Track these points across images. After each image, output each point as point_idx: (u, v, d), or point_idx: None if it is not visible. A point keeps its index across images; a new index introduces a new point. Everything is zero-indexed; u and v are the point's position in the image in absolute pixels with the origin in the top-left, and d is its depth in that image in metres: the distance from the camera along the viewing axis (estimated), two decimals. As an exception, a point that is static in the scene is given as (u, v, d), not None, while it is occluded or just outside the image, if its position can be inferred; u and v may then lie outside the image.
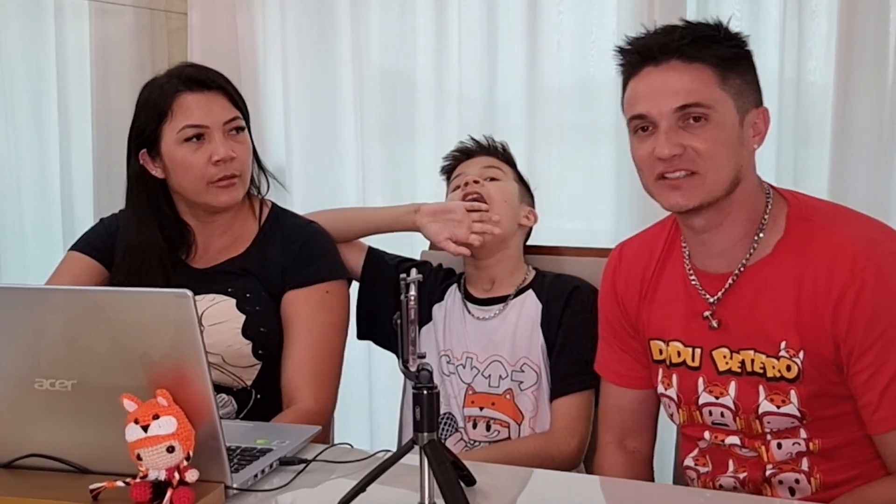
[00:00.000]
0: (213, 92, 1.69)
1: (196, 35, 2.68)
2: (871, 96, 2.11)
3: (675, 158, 1.32)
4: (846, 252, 1.31)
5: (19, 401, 1.22)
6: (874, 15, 2.09)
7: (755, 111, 1.38)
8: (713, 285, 1.42)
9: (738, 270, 1.39)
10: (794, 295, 1.33)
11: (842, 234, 1.34)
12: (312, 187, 2.65)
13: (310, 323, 1.71)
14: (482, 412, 1.72)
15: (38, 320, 1.20)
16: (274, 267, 1.74)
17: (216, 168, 1.66)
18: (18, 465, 1.24)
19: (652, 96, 1.34)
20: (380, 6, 2.53)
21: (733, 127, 1.35)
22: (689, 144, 1.32)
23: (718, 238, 1.40)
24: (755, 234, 1.39)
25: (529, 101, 2.40)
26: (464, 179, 1.77)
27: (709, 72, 1.33)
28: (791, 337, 1.34)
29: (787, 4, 2.18)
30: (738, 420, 1.40)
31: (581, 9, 2.36)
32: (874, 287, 1.28)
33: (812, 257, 1.33)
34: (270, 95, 2.67)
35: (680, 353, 1.45)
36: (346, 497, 1.17)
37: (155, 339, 1.16)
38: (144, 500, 1.12)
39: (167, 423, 1.12)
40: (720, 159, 1.33)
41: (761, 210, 1.40)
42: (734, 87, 1.35)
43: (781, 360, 1.35)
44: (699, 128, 1.32)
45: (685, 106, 1.32)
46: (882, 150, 2.11)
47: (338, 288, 1.76)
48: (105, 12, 2.66)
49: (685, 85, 1.33)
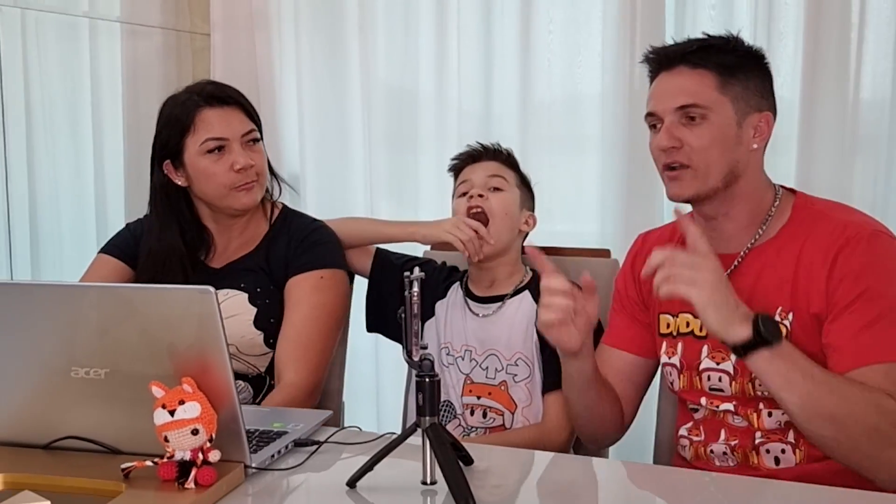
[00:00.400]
0: (230, 107, 1.69)
1: (218, 54, 2.68)
2: (833, 108, 2.12)
3: (672, 151, 1.38)
4: (844, 226, 1.35)
5: (57, 388, 1.22)
6: (836, 35, 2.09)
7: (757, 115, 1.42)
8: (722, 264, 1.40)
9: (745, 252, 1.42)
10: (794, 267, 1.36)
11: (841, 217, 1.38)
12: (324, 193, 2.65)
13: (300, 304, 1.69)
14: (479, 401, 1.72)
15: (73, 315, 1.20)
16: (279, 260, 1.74)
17: (237, 175, 1.67)
18: (56, 446, 1.24)
19: (660, 97, 1.42)
20: (385, 27, 2.53)
21: (730, 127, 1.39)
22: (685, 140, 1.37)
23: (726, 225, 1.44)
24: (761, 223, 1.43)
25: (522, 114, 2.40)
26: (469, 187, 1.75)
27: (710, 76, 1.39)
28: (784, 302, 1.36)
29: (758, 26, 2.18)
30: (734, 385, 1.40)
31: (569, 31, 2.36)
32: (865, 248, 1.32)
33: (812, 234, 1.37)
34: (286, 109, 2.67)
35: (689, 324, 1.46)
36: (356, 475, 1.17)
37: (180, 331, 1.16)
38: (171, 478, 1.12)
39: (192, 408, 1.12)
40: (712, 155, 1.37)
41: (768, 203, 1.43)
42: (734, 92, 1.39)
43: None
44: (696, 126, 1.38)
45: (684, 106, 1.38)
46: (844, 155, 2.12)
47: (332, 275, 1.73)
48: (135, 33, 2.66)
49: (687, 87, 1.39)
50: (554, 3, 2.36)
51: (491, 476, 1.22)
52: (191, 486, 1.11)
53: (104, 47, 2.75)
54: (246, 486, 1.18)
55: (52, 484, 1.14)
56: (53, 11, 2.72)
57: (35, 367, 1.22)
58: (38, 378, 1.23)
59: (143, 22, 2.65)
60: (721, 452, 1.44)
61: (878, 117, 2.10)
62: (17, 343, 1.22)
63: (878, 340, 1.29)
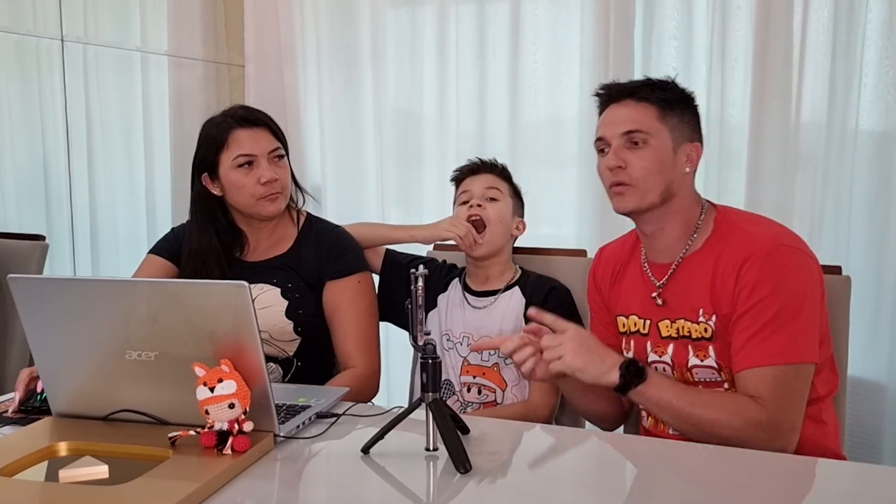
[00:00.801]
0: (259, 128, 1.68)
1: (251, 83, 2.68)
2: (777, 130, 2.12)
3: (618, 170, 1.38)
4: (751, 240, 1.34)
5: (114, 368, 1.22)
6: (780, 66, 2.09)
7: (689, 144, 1.41)
8: (659, 273, 1.44)
9: (677, 262, 1.41)
10: (712, 274, 1.36)
11: (751, 231, 1.36)
12: (342, 201, 2.65)
13: (352, 307, 1.70)
14: (475, 380, 1.72)
15: (128, 306, 1.20)
16: (310, 262, 1.73)
17: (264, 187, 1.66)
18: (113, 418, 1.24)
19: (609, 124, 1.42)
20: (394, 60, 2.54)
21: (667, 152, 1.38)
22: (629, 161, 1.38)
23: (662, 238, 1.43)
24: (690, 235, 1.41)
25: (511, 134, 2.40)
26: (469, 197, 1.75)
27: (652, 109, 1.38)
28: (706, 305, 1.36)
29: (713, 57, 2.18)
30: (675, 373, 1.41)
31: (551, 64, 2.36)
32: (763, 262, 1.31)
33: (727, 246, 1.36)
34: (309, 129, 2.67)
35: (636, 324, 1.46)
36: (369, 442, 1.17)
37: (219, 320, 1.16)
38: (211, 445, 1.12)
39: (229, 386, 1.12)
40: (651, 175, 1.37)
41: (696, 217, 1.42)
42: (671, 123, 1.39)
43: (700, 324, 1.36)
44: (639, 149, 1.38)
45: (630, 131, 1.38)
46: (786, 172, 2.12)
47: (365, 277, 1.76)
48: (180, 65, 2.66)
49: (632, 116, 1.39)
50: (538, 41, 2.36)
51: (485, 444, 1.22)
52: (228, 452, 1.11)
53: (154, 77, 2.75)
54: (275, 451, 1.18)
55: (109, 450, 1.15)
56: (110, 46, 2.73)
57: (95, 351, 1.22)
58: (98, 360, 1.23)
59: (187, 55, 2.65)
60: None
61: (817, 136, 2.10)
62: (80, 330, 1.22)
63: (760, 347, 1.29)
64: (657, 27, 2.23)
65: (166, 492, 0.98)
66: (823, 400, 1.39)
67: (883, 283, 2.09)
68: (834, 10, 2.05)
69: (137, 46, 2.74)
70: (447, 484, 1.07)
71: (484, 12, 2.41)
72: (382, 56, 2.53)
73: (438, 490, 1.06)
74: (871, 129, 2.07)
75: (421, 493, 1.05)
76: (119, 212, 2.79)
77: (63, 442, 1.17)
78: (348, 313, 1.70)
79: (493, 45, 2.41)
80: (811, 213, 2.12)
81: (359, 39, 2.57)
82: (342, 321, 1.70)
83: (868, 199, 2.08)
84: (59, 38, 2.56)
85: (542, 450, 1.25)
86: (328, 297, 1.72)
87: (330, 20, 2.60)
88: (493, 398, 1.69)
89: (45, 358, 1.26)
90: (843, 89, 2.06)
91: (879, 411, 2.10)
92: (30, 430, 1.23)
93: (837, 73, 2.06)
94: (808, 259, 1.34)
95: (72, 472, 1.06)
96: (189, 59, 2.65)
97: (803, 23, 2.06)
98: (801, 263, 1.32)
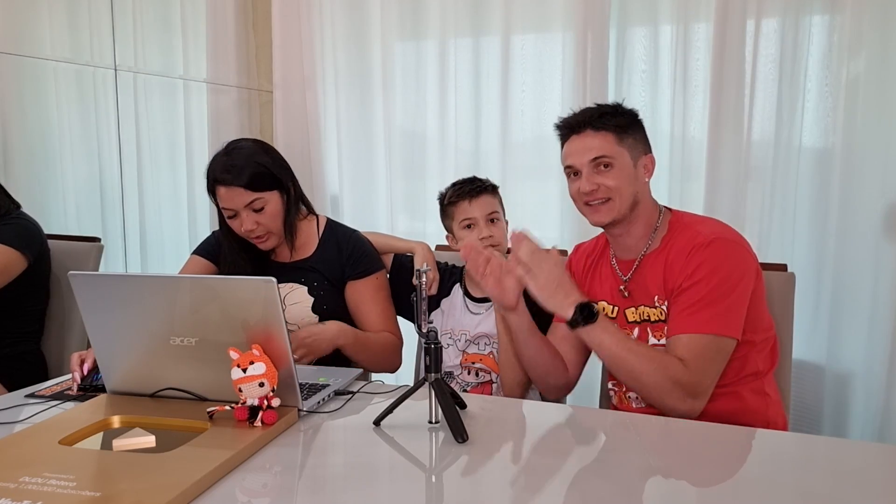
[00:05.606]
0: (233, 186, 1.58)
1: (279, 107, 2.68)
2: (732, 147, 2.12)
3: (593, 192, 1.40)
4: (697, 235, 1.36)
5: (160, 352, 1.22)
6: (734, 92, 2.09)
7: (645, 157, 1.44)
8: (625, 268, 1.46)
9: (640, 258, 1.43)
10: (664, 267, 1.38)
11: (698, 228, 1.38)
12: (357, 209, 2.64)
13: (374, 300, 1.71)
14: (473, 365, 1.71)
15: (172, 298, 1.20)
16: (333, 263, 1.73)
17: (247, 233, 1.64)
18: (159, 395, 1.25)
19: (575, 153, 1.42)
20: (402, 87, 2.53)
21: (630, 168, 1.40)
22: (602, 183, 1.39)
23: (627, 239, 1.45)
24: (650, 235, 1.43)
25: (502, 150, 2.40)
26: (473, 222, 1.69)
27: (610, 135, 1.40)
28: (661, 292, 1.38)
29: (676, 86, 2.18)
30: None
31: (536, 90, 2.36)
32: (704, 252, 1.33)
33: (677, 243, 1.38)
34: (329, 146, 2.67)
35: (605, 309, 1.48)
36: (380, 416, 1.18)
37: (251, 310, 1.16)
38: (244, 419, 1.13)
39: (259, 367, 1.13)
40: (623, 190, 1.39)
41: (655, 220, 1.44)
42: (629, 144, 1.41)
43: (657, 309, 1.38)
44: (607, 172, 1.39)
45: (596, 158, 1.39)
46: (739, 183, 2.12)
47: (382, 275, 1.76)
48: (217, 91, 2.66)
49: (595, 145, 1.40)
50: (525, 70, 2.36)
51: (480, 418, 1.22)
52: (258, 424, 1.11)
53: (194, 101, 2.76)
54: (299, 424, 1.18)
55: (155, 423, 1.15)
56: (157, 74, 2.73)
57: (144, 337, 1.23)
58: (146, 345, 1.23)
59: (223, 82, 2.65)
60: (635, 397, 1.44)
61: (765, 153, 2.10)
62: (131, 319, 1.22)
63: (692, 317, 1.30)
64: (628, 58, 2.24)
65: (205, 458, 0.98)
66: (766, 375, 1.40)
67: (822, 279, 2.09)
68: (780, 45, 2.06)
69: (180, 75, 2.75)
70: (447, 451, 1.07)
71: (479, 45, 2.42)
72: (391, 83, 2.53)
73: (440, 456, 1.06)
74: (812, 147, 2.08)
75: (424, 459, 1.05)
76: (165, 217, 2.79)
77: (116, 416, 1.18)
78: (372, 305, 1.71)
79: (486, 74, 2.41)
80: (760, 218, 2.12)
81: (371, 69, 2.57)
82: (367, 311, 1.71)
83: (810, 207, 2.09)
84: (112, 67, 2.57)
85: (528, 422, 1.25)
86: (351, 294, 1.72)
87: (346, 52, 2.60)
88: (489, 379, 1.70)
89: (101, 343, 1.26)
90: (789, 112, 2.07)
91: (819, 389, 2.11)
92: (88, 406, 1.23)
93: (783, 99, 2.07)
94: (743, 251, 1.35)
95: (124, 441, 1.07)
96: (225, 86, 2.66)
97: (754, 55, 2.07)
98: (735, 254, 1.33)
